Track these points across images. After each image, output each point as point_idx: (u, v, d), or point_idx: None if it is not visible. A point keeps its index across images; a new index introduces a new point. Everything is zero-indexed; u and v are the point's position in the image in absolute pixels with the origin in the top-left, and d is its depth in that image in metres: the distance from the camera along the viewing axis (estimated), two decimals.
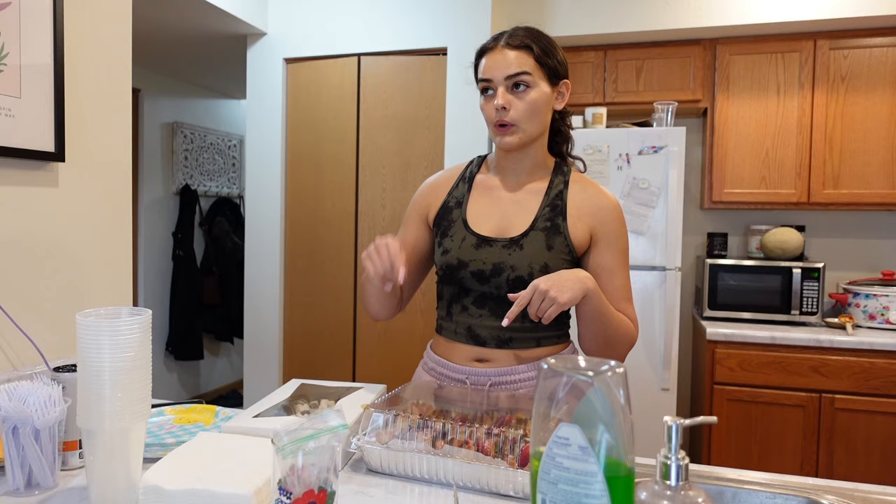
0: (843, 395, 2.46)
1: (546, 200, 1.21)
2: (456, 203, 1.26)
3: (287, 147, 3.03)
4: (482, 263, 1.17)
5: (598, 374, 0.56)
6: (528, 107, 1.15)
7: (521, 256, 1.16)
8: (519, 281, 1.15)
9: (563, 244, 1.18)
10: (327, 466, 0.72)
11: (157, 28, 3.07)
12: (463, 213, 1.23)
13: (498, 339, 1.18)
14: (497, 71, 1.15)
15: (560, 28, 2.87)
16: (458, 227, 1.22)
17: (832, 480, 0.99)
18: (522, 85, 1.15)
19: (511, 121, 1.15)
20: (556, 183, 1.23)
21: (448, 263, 1.20)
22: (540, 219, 1.19)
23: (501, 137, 1.17)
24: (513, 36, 1.16)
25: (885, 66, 2.66)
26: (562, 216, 1.19)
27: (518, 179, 1.24)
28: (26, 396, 0.91)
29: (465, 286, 1.20)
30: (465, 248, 1.19)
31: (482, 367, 1.19)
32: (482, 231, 1.21)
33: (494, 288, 1.17)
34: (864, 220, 2.97)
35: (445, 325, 1.24)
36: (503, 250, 1.17)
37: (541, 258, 1.16)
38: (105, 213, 1.52)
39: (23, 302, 1.30)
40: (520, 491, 0.89)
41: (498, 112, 1.15)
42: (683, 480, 0.60)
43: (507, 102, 1.14)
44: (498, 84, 1.15)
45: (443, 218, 1.26)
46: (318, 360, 2.99)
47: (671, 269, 2.51)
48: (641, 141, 2.54)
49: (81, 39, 1.44)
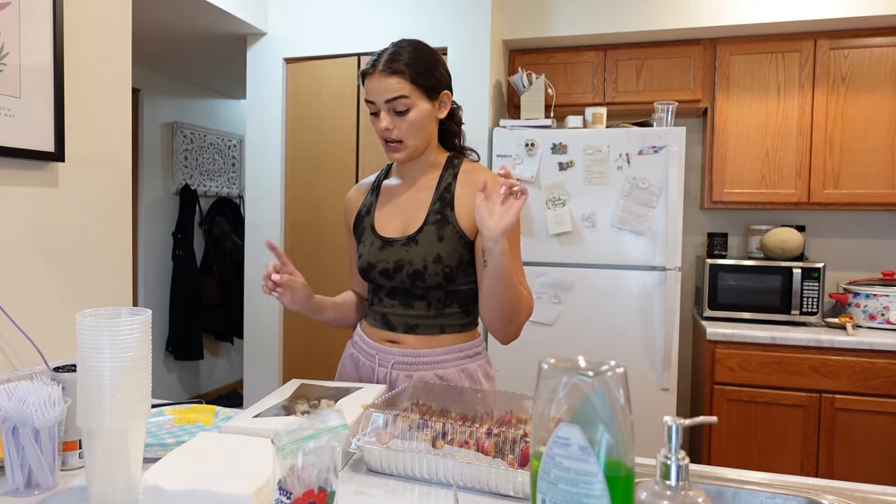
0: (844, 395, 2.46)
1: (435, 195, 1.31)
2: (366, 211, 1.39)
3: (287, 147, 3.03)
4: (386, 263, 1.30)
5: (598, 374, 0.56)
6: (410, 126, 1.25)
7: (416, 251, 1.27)
8: (417, 274, 1.26)
9: (453, 233, 1.27)
10: (327, 466, 0.72)
11: (157, 28, 3.07)
12: (371, 220, 1.37)
13: (406, 325, 1.31)
14: (376, 95, 1.25)
15: (560, 28, 2.88)
16: (368, 233, 1.35)
17: (832, 480, 0.99)
18: (402, 107, 1.24)
19: (396, 138, 1.26)
20: (446, 177, 1.33)
21: (361, 267, 1.34)
22: (431, 213, 1.30)
23: (391, 153, 1.29)
24: (390, 60, 1.24)
25: (885, 66, 2.66)
26: (450, 207, 1.29)
27: (414, 180, 1.36)
28: (26, 396, 0.91)
29: (377, 283, 1.34)
30: (372, 251, 1.32)
31: (390, 347, 1.32)
32: (387, 233, 1.33)
33: (399, 283, 1.29)
34: (864, 220, 2.97)
35: (369, 312, 1.40)
36: (402, 248, 1.29)
37: (433, 250, 1.26)
38: (105, 213, 1.52)
39: (23, 302, 1.30)
40: (520, 491, 0.89)
41: (384, 132, 1.26)
42: (683, 480, 0.60)
43: (390, 123, 1.25)
44: (380, 107, 1.25)
45: (357, 227, 1.41)
46: (317, 360, 2.99)
47: (671, 269, 2.51)
48: (641, 141, 2.54)
49: (81, 39, 1.44)
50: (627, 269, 2.58)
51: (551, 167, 2.63)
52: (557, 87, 2.99)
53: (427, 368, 1.29)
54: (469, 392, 1.13)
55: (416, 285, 1.28)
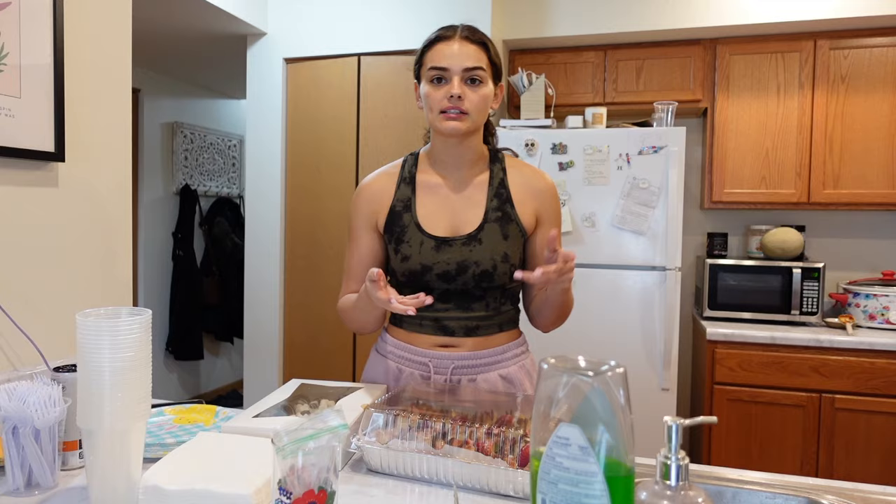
0: (843, 395, 2.46)
1: (491, 191, 1.24)
2: (404, 207, 1.25)
3: (287, 147, 3.03)
4: (446, 264, 1.20)
5: (598, 374, 0.56)
6: (481, 99, 1.18)
7: (482, 251, 1.20)
8: (484, 274, 1.19)
9: (516, 230, 1.23)
10: (327, 466, 0.72)
11: (157, 28, 3.07)
12: (414, 217, 1.23)
13: (466, 328, 1.23)
14: (454, 60, 1.15)
15: (560, 28, 2.88)
16: (413, 232, 1.22)
17: (832, 480, 0.99)
18: (477, 80, 1.17)
19: (465, 109, 1.16)
20: (496, 171, 1.26)
21: (411, 270, 1.21)
22: (490, 210, 1.23)
23: (451, 123, 1.16)
24: (472, 30, 1.19)
25: (885, 66, 2.66)
26: (509, 203, 1.24)
27: (460, 174, 1.26)
28: (26, 396, 0.91)
29: (430, 287, 1.22)
30: (425, 252, 1.21)
31: (447, 352, 1.23)
32: (437, 232, 1.22)
33: (461, 285, 1.21)
34: (864, 220, 2.97)
35: (407, 319, 1.27)
36: (463, 248, 1.20)
37: (500, 248, 1.21)
38: (105, 213, 1.52)
39: (23, 302, 1.30)
40: (520, 491, 0.89)
41: (451, 100, 1.15)
42: (683, 480, 0.60)
43: (463, 93, 1.16)
44: (454, 74, 1.16)
45: (393, 223, 1.25)
46: (318, 360, 2.99)
47: (671, 269, 2.51)
48: (641, 141, 2.54)
49: (81, 39, 1.44)
50: (627, 269, 2.58)
51: (551, 167, 2.63)
52: (557, 87, 2.99)
53: (489, 369, 1.24)
54: (469, 392, 1.13)
55: (480, 286, 1.21)
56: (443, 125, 1.17)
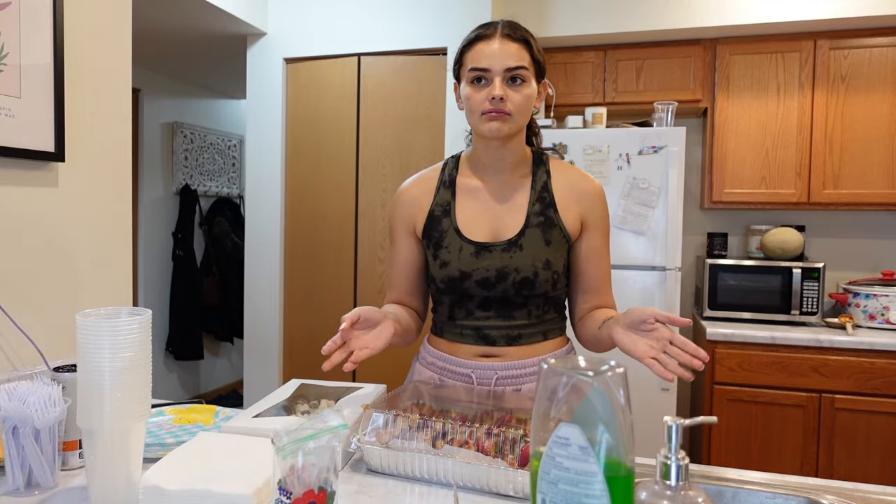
0: (843, 395, 2.46)
1: (533, 195, 1.19)
2: (443, 211, 1.21)
3: (287, 147, 3.03)
4: (486, 271, 1.15)
5: (598, 374, 0.56)
6: (524, 100, 1.12)
7: (522, 257, 1.15)
8: (525, 282, 1.14)
9: (560, 236, 1.17)
10: (327, 466, 0.72)
11: (157, 28, 3.07)
12: (453, 222, 1.20)
13: (508, 337, 1.18)
14: (496, 60, 1.10)
15: (560, 28, 2.87)
16: (452, 237, 1.18)
17: (832, 480, 0.99)
18: (519, 79, 1.11)
19: (508, 110, 1.11)
20: (539, 175, 1.21)
21: (450, 276, 1.17)
22: (532, 215, 1.18)
23: (493, 123, 1.11)
24: (513, 27, 1.13)
25: (885, 66, 2.66)
26: (552, 207, 1.18)
27: (501, 177, 1.21)
28: (26, 396, 0.91)
29: (469, 294, 1.18)
30: (464, 258, 1.16)
31: (489, 362, 1.19)
32: (476, 237, 1.18)
33: (500, 292, 1.16)
34: (864, 220, 2.97)
35: (448, 328, 1.23)
36: (503, 254, 1.15)
37: (542, 255, 1.15)
38: (105, 213, 1.52)
39: (23, 302, 1.30)
40: (520, 491, 0.89)
41: (493, 102, 1.10)
42: (683, 480, 0.60)
43: (505, 93, 1.10)
44: (495, 74, 1.10)
45: (432, 228, 1.21)
46: (318, 360, 2.99)
47: (671, 269, 2.51)
48: (641, 141, 2.54)
49: (81, 39, 1.44)
50: (627, 269, 2.58)
51: None
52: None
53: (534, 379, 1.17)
54: (472, 391, 1.13)
55: (521, 294, 1.16)
56: (484, 127, 1.12)
